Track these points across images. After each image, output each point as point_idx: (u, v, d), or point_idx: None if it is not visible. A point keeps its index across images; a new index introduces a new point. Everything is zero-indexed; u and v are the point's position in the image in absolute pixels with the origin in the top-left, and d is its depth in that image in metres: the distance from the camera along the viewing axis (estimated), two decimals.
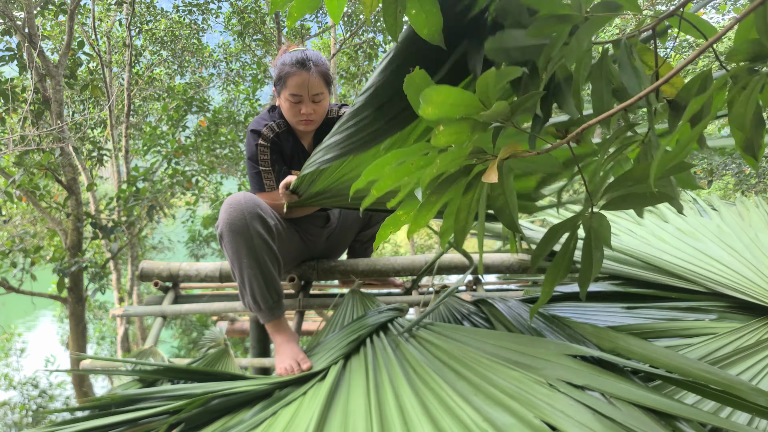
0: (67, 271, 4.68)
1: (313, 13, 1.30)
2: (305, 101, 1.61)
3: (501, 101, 0.75)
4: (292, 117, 1.65)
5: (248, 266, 1.52)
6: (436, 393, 1.01)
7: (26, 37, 4.39)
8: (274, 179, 1.69)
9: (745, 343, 1.17)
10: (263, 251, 1.53)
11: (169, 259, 11.40)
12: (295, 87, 1.59)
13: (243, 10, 7.89)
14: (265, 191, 1.66)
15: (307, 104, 1.62)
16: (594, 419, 0.87)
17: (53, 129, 4.51)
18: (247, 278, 1.53)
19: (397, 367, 1.15)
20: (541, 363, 1.05)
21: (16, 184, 4.58)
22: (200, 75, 9.32)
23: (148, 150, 6.38)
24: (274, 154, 1.69)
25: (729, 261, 1.54)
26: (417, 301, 1.86)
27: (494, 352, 1.11)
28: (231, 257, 1.55)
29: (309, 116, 1.65)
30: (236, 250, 1.52)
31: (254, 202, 1.52)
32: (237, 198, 1.52)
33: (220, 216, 1.53)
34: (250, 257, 1.52)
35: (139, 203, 5.18)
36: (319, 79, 1.60)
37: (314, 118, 1.66)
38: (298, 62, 1.57)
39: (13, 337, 10.91)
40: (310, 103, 1.62)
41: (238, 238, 1.50)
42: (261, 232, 1.51)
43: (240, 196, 1.53)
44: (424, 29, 0.85)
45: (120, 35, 8.60)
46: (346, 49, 8.85)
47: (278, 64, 1.62)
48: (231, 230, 1.50)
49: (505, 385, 0.98)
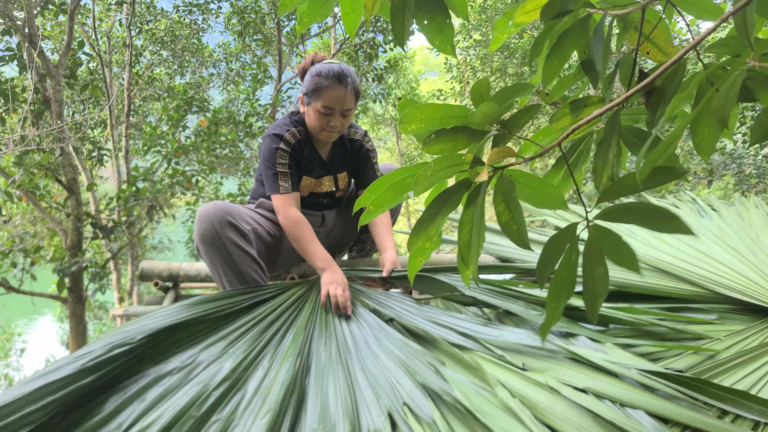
0: (67, 271, 4.67)
1: (323, 20, 1.30)
2: (335, 114, 1.64)
3: (488, 102, 0.75)
4: (318, 127, 1.67)
5: (224, 274, 1.56)
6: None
7: (26, 37, 4.38)
8: (290, 183, 1.69)
9: (748, 346, 1.16)
10: (239, 258, 1.55)
11: (169, 259, 11.39)
12: (330, 100, 1.61)
13: (243, 10, 7.88)
14: (280, 193, 1.67)
15: (337, 117, 1.64)
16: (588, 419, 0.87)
17: (53, 129, 4.50)
18: (228, 286, 1.57)
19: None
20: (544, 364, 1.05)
21: (16, 184, 4.58)
22: (200, 75, 9.31)
23: (148, 150, 6.37)
24: (292, 159, 1.71)
25: (731, 262, 1.53)
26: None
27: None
28: (209, 268, 1.58)
29: (335, 129, 1.67)
30: (211, 261, 1.56)
31: (223, 210, 1.54)
32: (206, 209, 1.55)
33: (194, 229, 1.55)
34: (225, 265, 1.55)
35: (139, 203, 5.17)
36: (353, 95, 1.64)
37: (339, 131, 1.69)
38: (336, 76, 1.59)
39: (13, 337, 10.90)
40: (340, 116, 1.65)
41: (211, 249, 1.53)
42: (233, 239, 1.53)
43: (209, 207, 1.55)
44: (436, 40, 0.85)
45: (120, 35, 8.59)
46: (346, 49, 8.84)
47: (313, 74, 1.62)
48: (203, 242, 1.53)
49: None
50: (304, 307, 1.43)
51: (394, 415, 0.98)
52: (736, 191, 6.27)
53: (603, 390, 0.96)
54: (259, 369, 1.13)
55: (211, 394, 1.01)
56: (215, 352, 1.17)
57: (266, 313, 1.36)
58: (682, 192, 2.22)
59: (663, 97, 0.76)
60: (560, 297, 0.85)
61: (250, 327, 1.29)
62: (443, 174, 0.79)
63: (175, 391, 1.03)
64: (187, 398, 1.00)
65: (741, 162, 6.11)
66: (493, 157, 0.77)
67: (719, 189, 9.26)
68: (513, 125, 0.79)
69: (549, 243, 0.81)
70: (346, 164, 1.87)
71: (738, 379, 1.06)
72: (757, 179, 6.00)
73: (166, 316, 1.23)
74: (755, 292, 1.38)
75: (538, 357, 1.10)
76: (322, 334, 1.30)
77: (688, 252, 1.64)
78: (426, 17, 0.82)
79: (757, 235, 1.69)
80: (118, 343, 1.09)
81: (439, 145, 0.78)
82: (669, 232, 0.72)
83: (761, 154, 6.00)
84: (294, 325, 1.34)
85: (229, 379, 1.06)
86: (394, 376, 1.09)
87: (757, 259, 1.54)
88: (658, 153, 0.70)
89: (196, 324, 1.24)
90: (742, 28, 0.64)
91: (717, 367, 1.10)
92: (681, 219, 0.71)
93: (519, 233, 0.84)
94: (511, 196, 0.82)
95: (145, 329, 1.15)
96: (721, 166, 6.26)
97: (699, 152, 0.79)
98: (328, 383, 1.09)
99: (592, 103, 0.87)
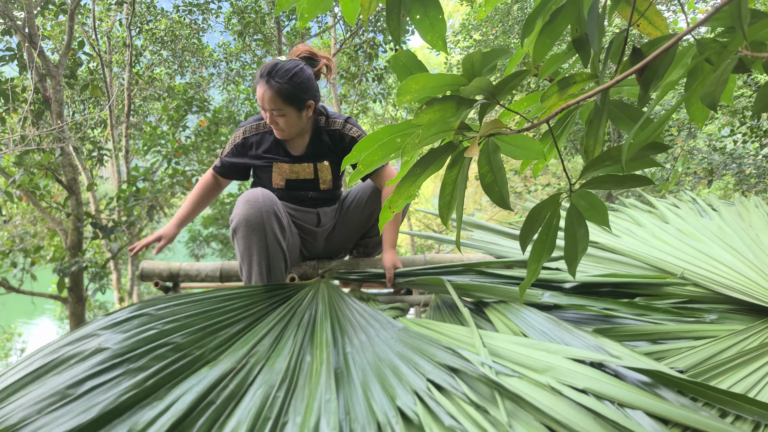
0: (67, 271, 4.67)
1: (324, 13, 1.32)
2: (266, 111, 1.62)
3: (482, 77, 0.76)
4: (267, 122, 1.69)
5: (257, 263, 1.54)
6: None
7: (26, 37, 4.38)
8: (221, 164, 1.84)
9: (748, 346, 1.16)
10: (274, 252, 1.55)
11: (169, 259, 11.39)
12: (258, 96, 1.60)
13: (243, 10, 7.88)
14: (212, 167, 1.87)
15: (270, 115, 1.62)
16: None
17: (53, 129, 4.50)
18: (255, 275, 1.55)
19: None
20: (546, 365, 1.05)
21: (16, 184, 4.57)
22: (200, 75, 9.31)
23: (148, 150, 6.37)
24: (243, 148, 1.80)
25: (731, 262, 1.53)
26: (417, 300, 1.86)
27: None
28: (240, 254, 1.56)
29: (275, 126, 1.65)
30: (248, 247, 1.54)
31: (271, 200, 1.53)
32: (254, 195, 1.53)
33: (236, 210, 1.53)
34: (261, 255, 1.53)
35: (139, 203, 5.17)
36: (275, 95, 1.57)
37: (279, 129, 1.66)
38: (260, 73, 1.57)
39: (13, 337, 10.90)
40: (272, 114, 1.62)
41: (253, 235, 1.51)
42: (276, 231, 1.53)
43: (257, 192, 1.54)
44: (428, 35, 0.85)
45: (120, 35, 8.59)
46: (346, 49, 8.84)
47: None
48: (247, 226, 1.51)
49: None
50: (318, 305, 1.47)
51: (420, 393, 1.03)
52: (736, 191, 6.26)
53: (603, 390, 0.96)
54: (305, 365, 1.18)
55: (277, 396, 1.04)
56: (263, 352, 1.21)
57: (292, 309, 1.43)
58: (682, 192, 2.22)
59: (656, 73, 0.77)
60: (540, 259, 0.92)
61: (285, 324, 1.34)
62: (431, 140, 0.81)
63: (243, 395, 1.05)
64: (258, 401, 1.02)
65: (741, 162, 6.10)
66: (484, 129, 0.80)
67: (719, 189, 9.26)
68: (499, 91, 0.80)
69: (533, 210, 0.87)
70: (325, 155, 1.81)
71: (739, 379, 1.05)
72: (757, 179, 5.99)
73: (195, 304, 1.29)
74: (755, 292, 1.38)
75: (538, 357, 1.10)
76: (336, 330, 1.36)
77: (689, 252, 1.64)
78: (419, 12, 0.83)
79: (757, 235, 1.69)
80: (161, 343, 1.11)
81: (428, 115, 0.79)
82: (639, 186, 0.81)
83: (761, 154, 5.99)
84: (315, 322, 1.39)
85: (286, 379, 1.10)
86: (413, 360, 1.15)
87: (758, 259, 1.54)
88: (647, 133, 0.71)
89: (232, 321, 1.29)
90: (736, 17, 0.65)
91: (718, 367, 1.10)
92: (647, 176, 0.78)
93: (501, 194, 0.88)
94: (495, 158, 0.85)
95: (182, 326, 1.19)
96: (721, 166, 6.25)
97: (693, 121, 0.85)
98: (360, 369, 1.16)
99: (581, 79, 0.88)
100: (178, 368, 1.06)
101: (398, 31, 0.83)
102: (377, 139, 0.83)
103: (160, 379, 1.02)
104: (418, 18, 0.83)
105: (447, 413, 0.96)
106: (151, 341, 1.10)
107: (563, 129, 0.97)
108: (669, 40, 0.78)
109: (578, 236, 0.90)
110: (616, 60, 0.87)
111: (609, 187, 0.84)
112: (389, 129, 0.82)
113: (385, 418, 0.97)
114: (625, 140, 0.75)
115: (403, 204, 0.89)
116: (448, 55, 1.62)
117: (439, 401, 1.00)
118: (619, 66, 0.85)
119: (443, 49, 0.86)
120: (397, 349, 1.21)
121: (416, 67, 0.86)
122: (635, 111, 0.90)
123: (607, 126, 0.99)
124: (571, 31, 0.87)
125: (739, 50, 0.67)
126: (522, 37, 0.92)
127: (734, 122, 5.92)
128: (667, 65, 0.76)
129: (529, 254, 0.93)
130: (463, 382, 1.04)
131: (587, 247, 0.91)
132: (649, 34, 0.90)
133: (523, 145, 0.84)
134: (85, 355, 1.04)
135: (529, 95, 0.98)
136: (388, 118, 13.92)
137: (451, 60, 10.05)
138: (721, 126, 6.76)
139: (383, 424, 0.96)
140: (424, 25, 0.84)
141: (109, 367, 1.01)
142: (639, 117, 0.89)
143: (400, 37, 0.84)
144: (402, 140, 0.82)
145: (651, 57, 0.70)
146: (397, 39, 0.84)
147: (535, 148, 0.84)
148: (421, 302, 1.84)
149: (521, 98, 0.99)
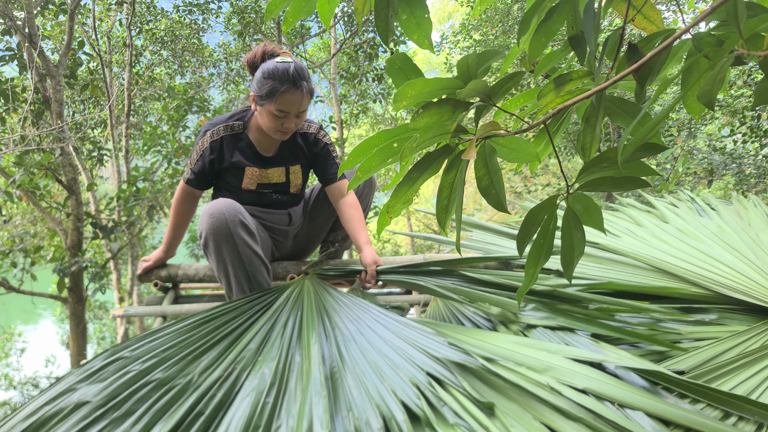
0: (67, 271, 4.67)
1: (309, 17, 1.30)
2: (290, 117, 1.60)
3: (477, 80, 0.76)
4: (273, 129, 1.63)
5: (234, 275, 1.56)
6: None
7: (26, 37, 4.38)
8: (194, 175, 1.76)
9: (750, 347, 1.16)
10: (249, 260, 1.55)
11: None
12: (285, 104, 1.56)
13: (243, 10, 7.87)
14: (184, 178, 1.77)
15: (292, 119, 1.60)
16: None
17: (53, 129, 4.50)
18: (235, 286, 1.56)
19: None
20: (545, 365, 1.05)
21: (16, 184, 4.57)
22: (200, 75, 9.30)
23: (148, 150, 6.36)
24: (213, 154, 1.72)
25: (732, 262, 1.53)
26: (417, 300, 1.86)
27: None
28: (215, 267, 1.57)
29: (290, 130, 1.64)
30: (220, 260, 1.54)
31: (235, 209, 1.53)
32: (217, 206, 1.52)
33: (201, 225, 1.53)
34: (236, 265, 1.54)
35: (139, 203, 5.17)
36: (309, 97, 1.59)
37: (291, 130, 1.65)
38: (292, 80, 1.53)
39: (13, 337, 10.90)
40: (295, 118, 1.61)
41: (223, 247, 1.52)
42: (245, 238, 1.53)
43: (220, 204, 1.53)
44: (414, 34, 0.85)
45: (120, 35, 8.58)
46: (346, 49, 8.84)
47: (267, 75, 1.55)
48: (215, 240, 1.51)
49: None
50: (304, 304, 1.44)
51: (420, 387, 1.03)
52: (736, 191, 6.26)
53: (603, 391, 0.96)
54: (294, 365, 1.17)
55: (266, 402, 1.03)
56: (250, 357, 1.19)
57: (277, 311, 1.41)
58: (680, 191, 2.22)
59: (652, 69, 0.77)
60: (537, 263, 0.92)
61: (270, 327, 1.33)
62: (428, 143, 0.81)
63: (231, 402, 1.05)
64: (248, 409, 1.01)
65: (741, 162, 6.10)
66: (481, 131, 0.80)
67: (719, 189, 9.26)
68: (495, 93, 0.80)
69: (530, 213, 0.87)
70: (299, 158, 1.81)
71: (740, 381, 1.05)
72: (757, 179, 5.99)
73: (177, 335, 1.25)
74: (756, 292, 1.38)
75: (538, 357, 1.10)
76: (326, 325, 1.34)
77: (689, 252, 1.64)
78: (405, 12, 0.83)
79: (757, 234, 1.69)
80: (142, 383, 1.08)
81: (425, 119, 0.79)
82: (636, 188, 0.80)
83: (761, 154, 5.99)
84: (302, 320, 1.37)
85: (275, 384, 1.09)
86: (407, 353, 1.15)
87: (758, 259, 1.53)
88: (644, 131, 0.71)
89: (216, 341, 1.26)
90: (732, 16, 0.65)
91: (719, 368, 1.09)
92: (644, 179, 0.80)
93: (498, 197, 0.88)
94: (492, 161, 0.85)
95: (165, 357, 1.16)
96: (721, 166, 6.25)
97: (690, 113, 0.85)
98: (352, 367, 1.14)
99: (577, 76, 0.88)
100: (167, 403, 1.02)
101: (386, 32, 0.84)
102: (374, 144, 0.82)
103: (151, 419, 0.98)
104: (404, 18, 0.83)
105: (450, 409, 0.96)
106: (130, 384, 1.05)
107: (559, 126, 0.97)
108: (665, 35, 0.78)
109: (575, 240, 0.89)
110: (612, 57, 0.87)
111: (606, 189, 0.84)
112: (386, 133, 0.82)
113: (388, 411, 0.97)
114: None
115: (401, 208, 0.89)
116: (433, 53, 1.62)
117: (441, 396, 1.00)
118: (615, 63, 0.85)
119: (429, 48, 0.86)
120: (391, 340, 1.21)
121: (411, 71, 0.86)
122: (632, 106, 0.90)
123: (605, 124, 0.99)
124: (567, 29, 0.87)
125: (735, 48, 0.67)
126: (518, 35, 0.92)
127: (734, 122, 5.92)
128: (663, 62, 0.76)
129: (526, 258, 0.93)
130: (463, 379, 1.04)
131: (584, 251, 0.90)
132: (644, 29, 0.91)
133: (517, 148, 0.84)
134: (65, 413, 0.99)
135: (524, 92, 0.98)
136: (388, 118, 13.91)
137: (452, 60, 10.04)
138: (721, 126, 6.75)
139: (388, 418, 0.95)
140: (411, 25, 0.84)
141: (92, 421, 0.96)
142: (636, 112, 0.89)
143: (389, 38, 0.84)
144: (399, 145, 0.82)
145: (647, 57, 0.70)
146: (385, 40, 0.84)
147: (528, 151, 0.85)
148: (421, 302, 1.84)
149: (517, 95, 0.99)
